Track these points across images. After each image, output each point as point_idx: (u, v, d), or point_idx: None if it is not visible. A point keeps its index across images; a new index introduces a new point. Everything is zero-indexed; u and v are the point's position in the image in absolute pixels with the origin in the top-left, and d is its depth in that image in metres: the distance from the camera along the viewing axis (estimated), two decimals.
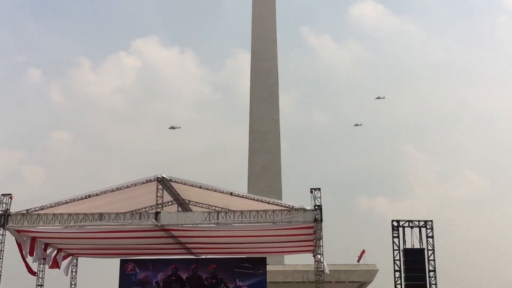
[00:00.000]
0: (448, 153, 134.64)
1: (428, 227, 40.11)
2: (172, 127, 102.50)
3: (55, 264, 41.29)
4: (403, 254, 39.78)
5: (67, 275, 42.91)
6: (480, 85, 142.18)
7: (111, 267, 44.56)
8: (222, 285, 41.14)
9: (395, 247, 40.07)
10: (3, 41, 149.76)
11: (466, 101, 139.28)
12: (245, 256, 42.73)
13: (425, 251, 39.80)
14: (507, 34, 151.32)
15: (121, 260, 42.32)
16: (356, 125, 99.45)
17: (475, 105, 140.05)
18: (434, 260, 39.63)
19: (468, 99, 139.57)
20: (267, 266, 42.07)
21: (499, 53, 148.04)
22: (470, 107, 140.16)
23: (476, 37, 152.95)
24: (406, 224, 40.33)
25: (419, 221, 40.33)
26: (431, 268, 39.57)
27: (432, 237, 39.93)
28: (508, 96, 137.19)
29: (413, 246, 40.01)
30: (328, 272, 39.54)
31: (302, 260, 56.70)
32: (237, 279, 41.15)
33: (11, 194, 36.46)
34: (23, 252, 37.58)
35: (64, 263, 42.52)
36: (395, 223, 40.38)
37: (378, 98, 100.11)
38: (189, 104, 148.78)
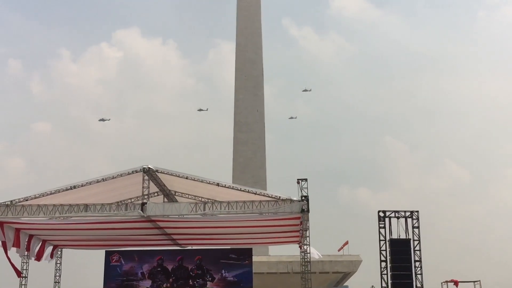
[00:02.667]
0: (429, 144, 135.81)
1: (414, 217, 40.23)
2: (102, 119, 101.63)
3: (40, 256, 40.98)
4: (389, 245, 39.88)
5: (49, 262, 42.55)
6: (461, 77, 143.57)
7: (96, 259, 44.29)
8: (208, 276, 41.04)
9: (381, 238, 40.15)
10: None
11: (446, 93, 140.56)
12: (231, 247, 42.65)
13: (411, 241, 39.95)
14: (486, 27, 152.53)
15: (106, 251, 42.06)
16: (291, 118, 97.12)
17: (455, 96, 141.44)
18: (420, 250, 39.81)
19: (449, 90, 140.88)
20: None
21: (479, 46, 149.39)
22: (451, 98, 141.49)
23: (456, 30, 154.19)
24: (392, 215, 40.40)
25: (405, 211, 40.41)
26: (416, 258, 39.72)
27: (418, 227, 40.06)
28: (487, 88, 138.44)
29: (399, 236, 40.14)
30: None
31: (286, 251, 56.84)
32: (223, 270, 41.06)
33: None
34: (7, 248, 37.03)
35: (48, 254, 42.22)
36: (381, 214, 40.44)
37: (305, 90, 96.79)
38: (172, 95, 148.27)
